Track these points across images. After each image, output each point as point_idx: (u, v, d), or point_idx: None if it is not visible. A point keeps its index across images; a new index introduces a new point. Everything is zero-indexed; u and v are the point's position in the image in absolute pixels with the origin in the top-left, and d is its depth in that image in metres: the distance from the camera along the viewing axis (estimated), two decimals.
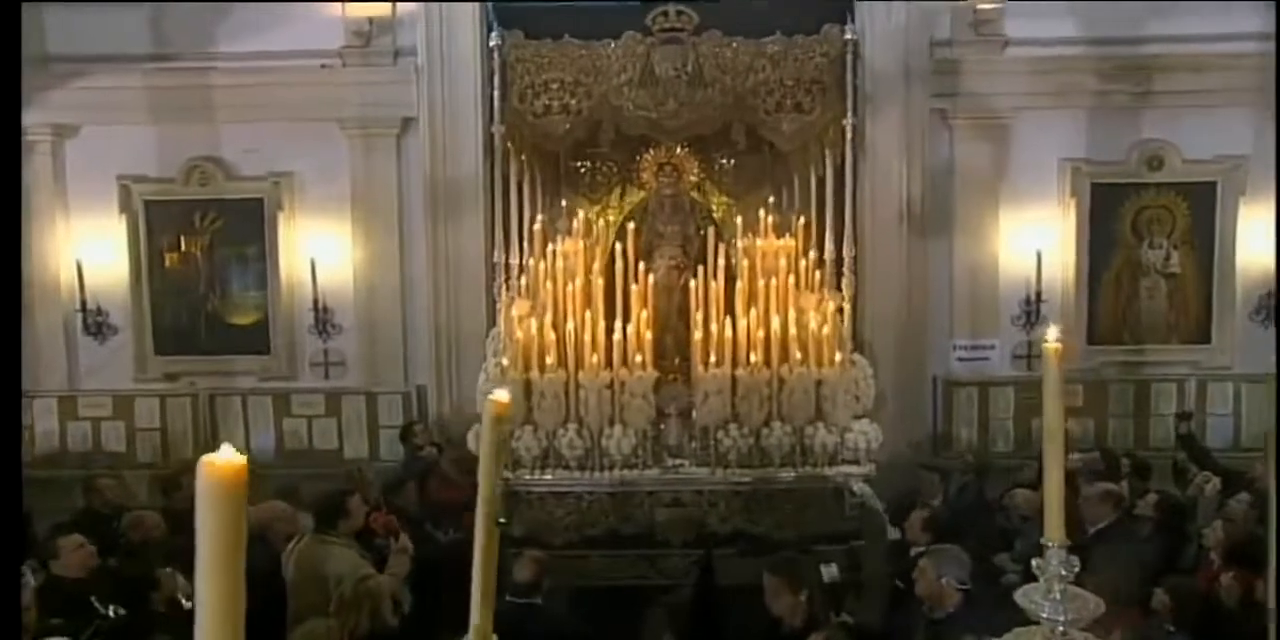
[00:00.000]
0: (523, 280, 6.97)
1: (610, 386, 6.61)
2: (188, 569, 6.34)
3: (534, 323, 6.74)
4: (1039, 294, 9.34)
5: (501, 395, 1.71)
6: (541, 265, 7.00)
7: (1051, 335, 1.95)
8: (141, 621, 5.46)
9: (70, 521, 6.70)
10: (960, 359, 9.45)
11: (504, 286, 6.84)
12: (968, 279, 9.38)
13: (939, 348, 9.41)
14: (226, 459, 1.11)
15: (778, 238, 7.16)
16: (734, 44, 6.77)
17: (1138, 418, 9.37)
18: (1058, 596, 1.87)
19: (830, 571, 6.14)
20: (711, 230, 7.39)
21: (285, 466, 8.73)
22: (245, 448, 9.18)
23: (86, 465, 8.73)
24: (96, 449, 9.10)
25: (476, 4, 9.08)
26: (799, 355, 6.63)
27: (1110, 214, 9.40)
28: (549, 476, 6.65)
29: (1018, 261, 9.34)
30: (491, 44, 6.72)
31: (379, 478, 7.81)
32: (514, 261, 6.95)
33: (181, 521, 7.18)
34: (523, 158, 6.98)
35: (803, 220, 7.13)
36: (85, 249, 9.15)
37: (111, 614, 5.29)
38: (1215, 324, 9.38)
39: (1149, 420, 9.35)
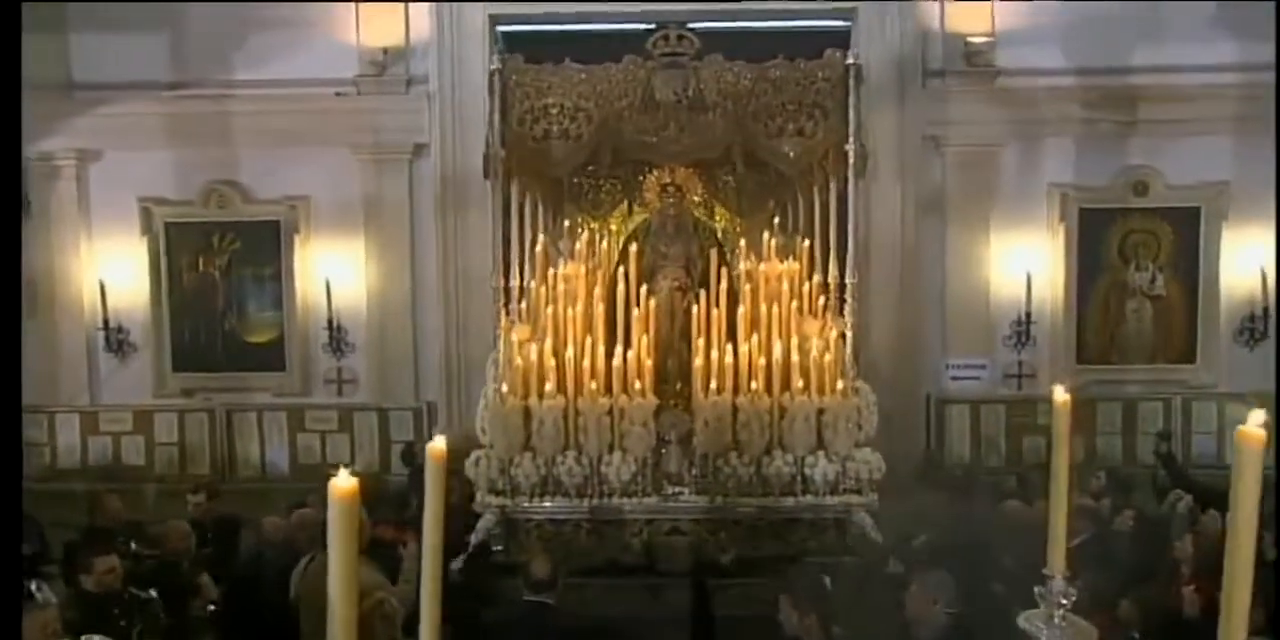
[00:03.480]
0: (523, 304, 6.13)
1: (610, 413, 5.76)
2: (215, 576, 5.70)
3: (534, 348, 5.90)
4: (1029, 315, 8.62)
5: (439, 442, 1.66)
6: (542, 289, 6.16)
7: (1059, 393, 1.92)
8: (182, 626, 5.00)
9: (80, 538, 6.02)
10: (953, 378, 8.69)
11: (503, 311, 6.00)
12: (960, 300, 8.68)
13: (932, 367, 8.68)
14: (345, 481, 1.37)
15: (781, 261, 6.30)
16: (735, 68, 5.95)
17: (1125, 435, 8.56)
18: (1058, 622, 1.88)
19: (824, 581, 5.40)
20: (715, 252, 6.53)
21: (298, 481, 8.00)
22: (260, 462, 8.61)
23: (107, 479, 7.95)
24: (116, 462, 8.32)
25: (486, 34, 8.38)
26: (800, 383, 5.77)
27: (1097, 238, 8.66)
28: (548, 504, 5.80)
29: (1008, 284, 8.65)
30: (490, 68, 5.90)
31: (393, 496, 7.08)
32: (514, 284, 6.12)
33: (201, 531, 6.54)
34: (523, 179, 6.16)
35: (806, 243, 6.27)
36: (107, 269, 8.40)
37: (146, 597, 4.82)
38: (1200, 344, 8.60)
39: (1136, 438, 8.53)
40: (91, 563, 4.92)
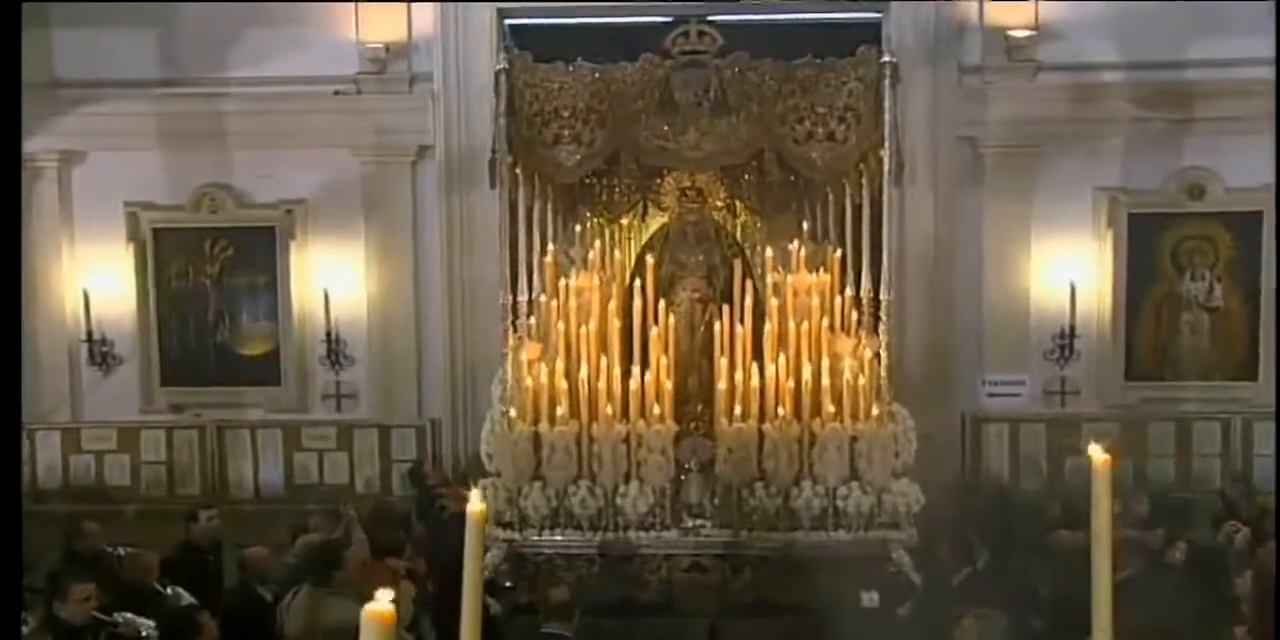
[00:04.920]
0: (532, 320, 5.88)
1: (626, 440, 5.49)
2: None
3: (544, 369, 5.66)
4: (1073, 328, 8.27)
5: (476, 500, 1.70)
6: (553, 303, 5.91)
7: (1097, 452, 1.79)
8: None
9: (61, 567, 5.85)
10: (990, 395, 8.37)
11: (511, 328, 5.75)
12: (998, 312, 8.33)
13: (968, 383, 8.35)
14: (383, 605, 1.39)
15: (810, 272, 6.02)
16: (760, 67, 5.66)
17: (1179, 458, 8.22)
18: None
19: (871, 597, 5.18)
20: (739, 263, 6.26)
21: (294, 502, 7.81)
22: (254, 483, 8.40)
23: (89, 500, 7.78)
24: (99, 483, 8.12)
25: (494, 29, 8.14)
26: (831, 408, 5.49)
27: (1149, 245, 8.30)
28: (559, 537, 5.53)
29: (1050, 294, 8.30)
30: (497, 67, 5.65)
31: (397, 518, 6.88)
32: (523, 298, 5.87)
33: (198, 553, 6.37)
34: (532, 185, 5.93)
35: (838, 253, 5.99)
36: (91, 277, 8.16)
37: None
38: (1262, 360, 8.20)
39: (1190, 461, 8.20)
40: (69, 589, 4.81)
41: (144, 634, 4.87)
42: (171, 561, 6.06)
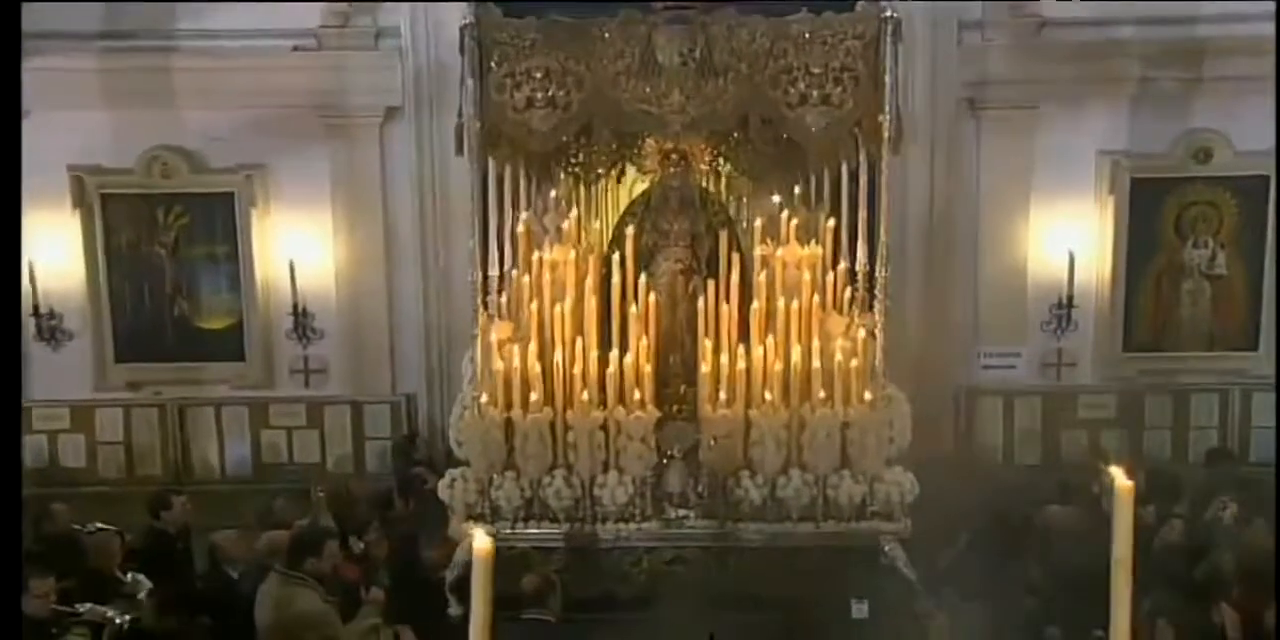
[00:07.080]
0: (504, 297, 5.46)
1: (604, 428, 5.14)
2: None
3: (515, 350, 5.25)
4: (1070, 298, 7.93)
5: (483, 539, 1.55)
6: (525, 278, 5.49)
7: (1120, 477, 1.71)
8: None
9: (35, 552, 5.54)
10: (985, 367, 8.06)
11: (482, 306, 5.33)
12: (994, 282, 7.98)
13: (962, 355, 8.01)
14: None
15: (801, 245, 5.61)
16: (751, 24, 5.19)
17: (1175, 430, 7.95)
18: None
19: (861, 609, 4.99)
20: (724, 234, 5.83)
21: (263, 482, 7.45)
22: (219, 463, 7.99)
23: (43, 483, 7.36)
24: (53, 465, 7.69)
25: None
26: (822, 393, 5.14)
27: (1151, 211, 7.92)
28: (533, 530, 5.22)
29: (1048, 263, 7.94)
30: (462, 22, 5.14)
31: (372, 498, 6.55)
32: (494, 273, 5.44)
33: (167, 541, 6.04)
34: (504, 152, 5.46)
35: (831, 222, 5.58)
36: (35, 248, 7.56)
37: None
38: (1263, 330, 7.90)
39: (1187, 433, 7.93)
40: (27, 585, 4.59)
41: (109, 615, 4.72)
42: (139, 549, 5.79)
